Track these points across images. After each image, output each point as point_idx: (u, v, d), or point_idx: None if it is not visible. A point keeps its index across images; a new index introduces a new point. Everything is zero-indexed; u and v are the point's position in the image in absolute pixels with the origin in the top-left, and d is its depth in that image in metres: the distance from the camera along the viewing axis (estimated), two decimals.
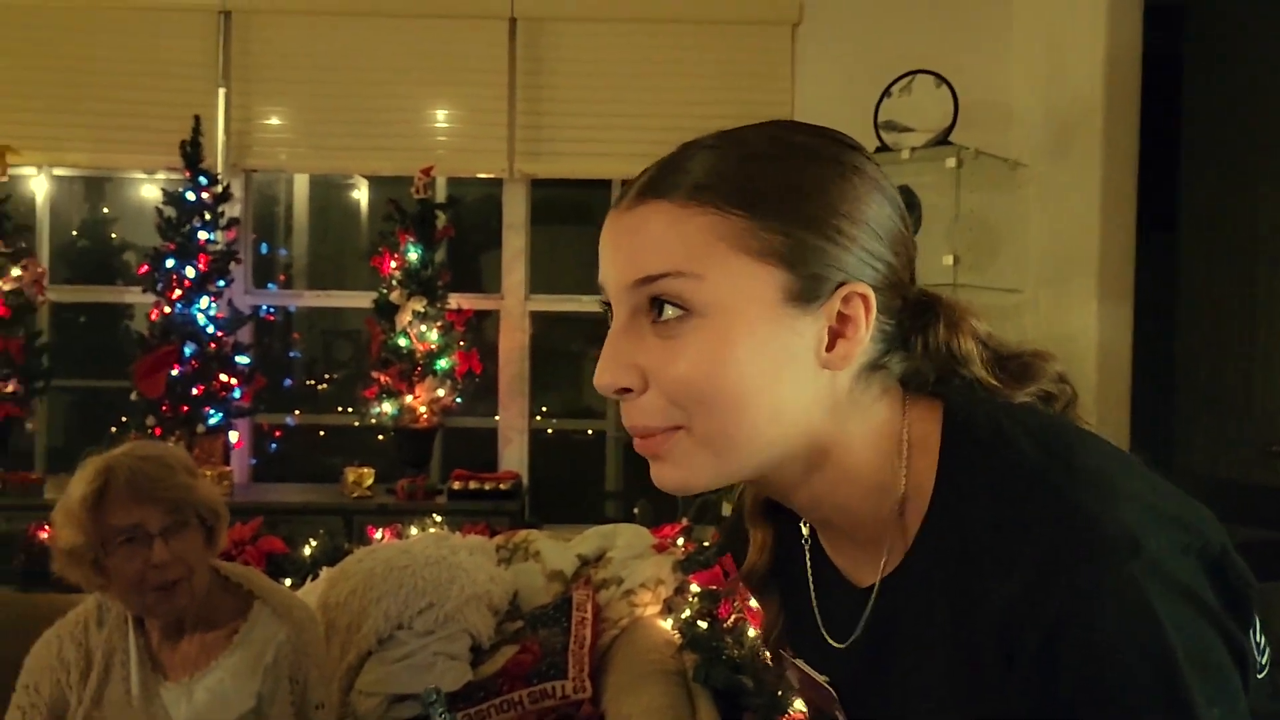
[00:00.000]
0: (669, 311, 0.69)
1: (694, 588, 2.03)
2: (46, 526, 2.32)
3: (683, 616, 1.95)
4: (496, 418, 3.71)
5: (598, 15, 3.59)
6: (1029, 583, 0.63)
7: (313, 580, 2.18)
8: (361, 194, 4.63)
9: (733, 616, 1.84)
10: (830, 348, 0.71)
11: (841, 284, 0.70)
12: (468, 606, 1.95)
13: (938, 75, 3.13)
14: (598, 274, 0.75)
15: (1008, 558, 0.65)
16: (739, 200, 0.69)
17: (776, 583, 0.91)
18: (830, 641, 0.81)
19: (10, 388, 3.24)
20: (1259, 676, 0.69)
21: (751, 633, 1.76)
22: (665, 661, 1.83)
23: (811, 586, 0.84)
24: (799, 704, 1.52)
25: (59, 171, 3.79)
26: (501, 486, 3.31)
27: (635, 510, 3.42)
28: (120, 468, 1.57)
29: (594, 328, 4.67)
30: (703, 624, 1.86)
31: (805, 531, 0.86)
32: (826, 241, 0.70)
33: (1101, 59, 3.13)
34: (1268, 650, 0.72)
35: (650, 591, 2.11)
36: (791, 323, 0.69)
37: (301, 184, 4.47)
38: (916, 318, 0.77)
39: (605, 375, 0.71)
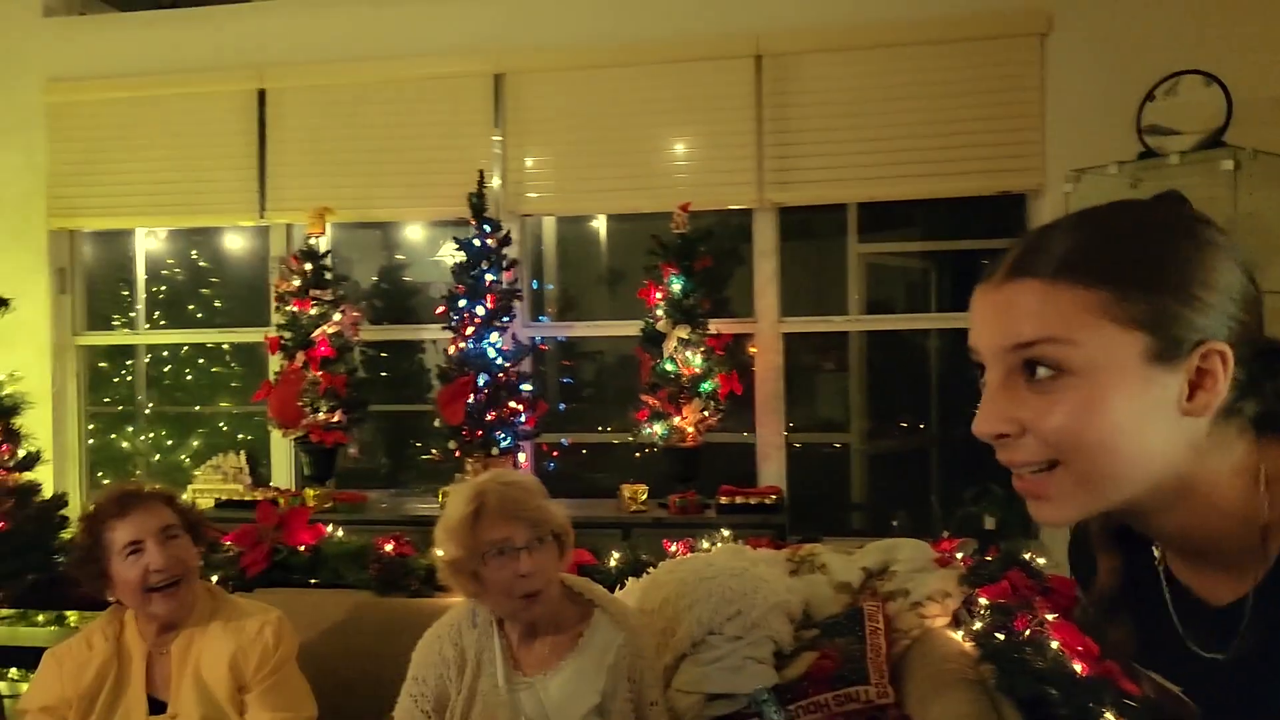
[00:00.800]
0: (1042, 372, 0.82)
1: (982, 601, 2.10)
2: (393, 540, 2.71)
3: (975, 629, 2.03)
4: (750, 434, 3.88)
5: (840, 45, 3.69)
6: None
7: (620, 589, 2.42)
8: (599, 225, 4.93)
9: (1029, 630, 1.91)
10: (1191, 398, 0.81)
11: (1200, 343, 0.80)
12: (770, 614, 2.12)
13: (1207, 74, 3.03)
14: (839, 292, 0.90)
15: None
16: (1103, 275, 0.81)
17: (1125, 602, 1.02)
18: (1190, 655, 0.91)
19: (336, 418, 3.73)
20: None
21: (1054, 645, 1.82)
22: (964, 670, 1.92)
23: (1169, 605, 0.95)
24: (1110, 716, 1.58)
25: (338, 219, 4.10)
26: (766, 500, 3.48)
27: (894, 522, 3.50)
28: (491, 491, 1.85)
29: (833, 341, 4.74)
30: (999, 636, 1.93)
31: (1157, 554, 0.96)
32: (1185, 307, 0.80)
33: None
34: None
35: (938, 604, 2.20)
36: (1155, 378, 0.80)
37: (549, 221, 4.82)
38: (1267, 365, 0.85)
39: (985, 425, 0.85)
